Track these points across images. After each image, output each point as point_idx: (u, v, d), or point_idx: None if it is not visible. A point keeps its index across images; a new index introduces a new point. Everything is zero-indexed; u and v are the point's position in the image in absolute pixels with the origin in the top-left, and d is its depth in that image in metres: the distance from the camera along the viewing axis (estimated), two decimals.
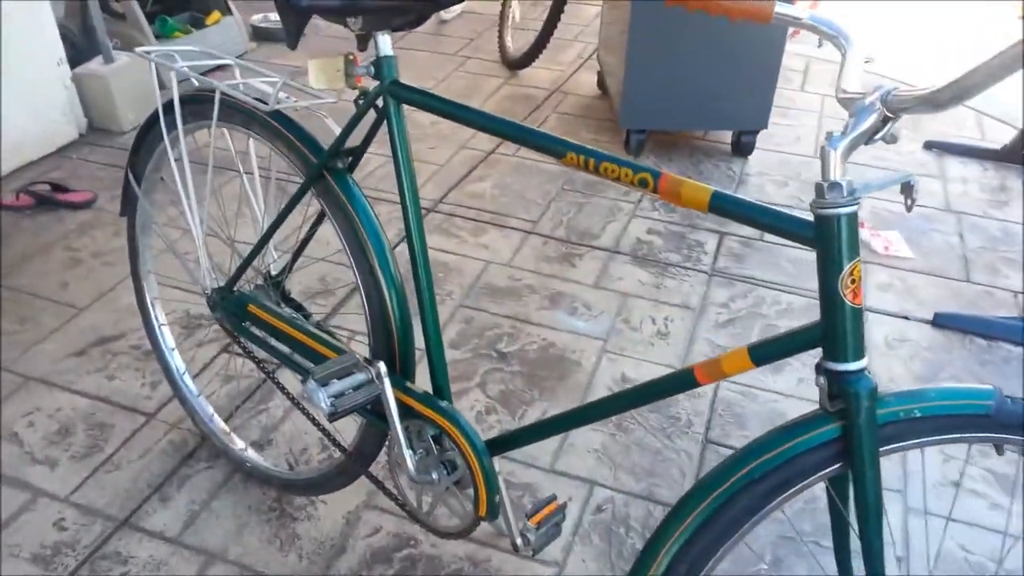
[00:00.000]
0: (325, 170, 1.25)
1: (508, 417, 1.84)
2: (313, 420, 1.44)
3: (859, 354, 0.83)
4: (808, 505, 1.64)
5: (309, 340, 1.32)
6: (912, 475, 1.71)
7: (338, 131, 1.26)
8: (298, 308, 1.49)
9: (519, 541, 1.24)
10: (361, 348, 1.32)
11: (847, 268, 0.81)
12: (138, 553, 1.52)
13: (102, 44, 2.92)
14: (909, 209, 0.82)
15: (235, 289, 1.44)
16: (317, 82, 1.18)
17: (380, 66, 1.17)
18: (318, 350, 1.30)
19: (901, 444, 0.85)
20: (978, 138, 3.14)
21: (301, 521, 1.59)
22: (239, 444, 1.67)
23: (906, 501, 1.65)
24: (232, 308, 1.44)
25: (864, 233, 2.49)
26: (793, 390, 1.93)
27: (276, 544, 1.54)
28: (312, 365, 1.34)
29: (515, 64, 3.66)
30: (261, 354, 1.46)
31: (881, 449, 0.85)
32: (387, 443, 1.31)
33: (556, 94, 3.42)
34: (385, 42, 1.16)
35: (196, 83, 1.39)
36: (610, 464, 1.72)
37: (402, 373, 1.27)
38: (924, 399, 0.85)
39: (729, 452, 1.74)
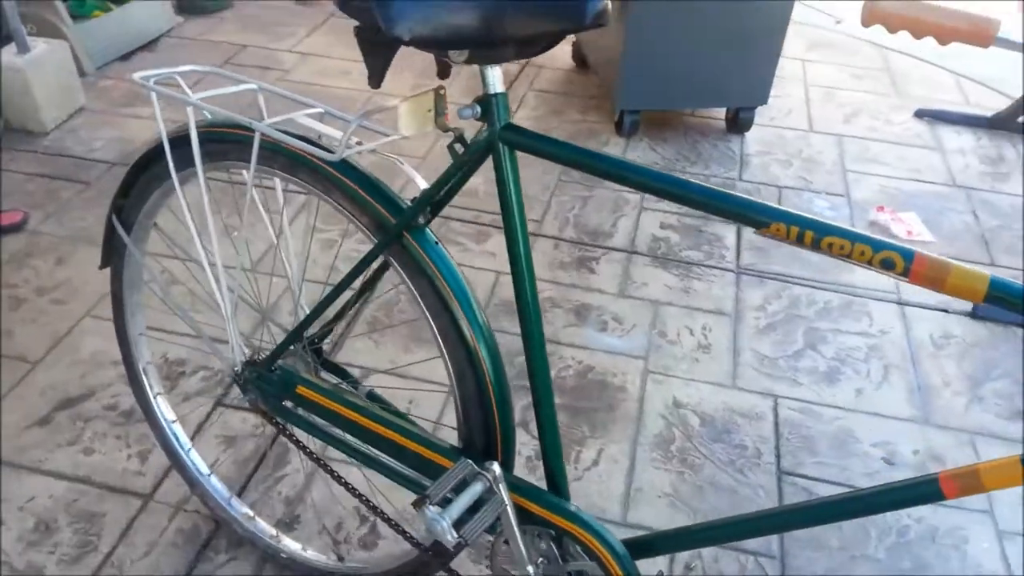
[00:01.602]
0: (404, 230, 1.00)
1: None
2: (383, 515, 1.20)
3: None
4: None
5: (390, 433, 1.08)
6: None
7: (419, 180, 1.01)
8: (342, 375, 1.25)
9: None
10: (436, 430, 1.10)
11: None
12: None
13: (14, 31, 2.48)
14: None
15: (275, 366, 1.18)
16: (407, 127, 0.92)
17: (490, 105, 0.92)
18: (402, 444, 1.07)
19: None
20: (962, 102, 3.08)
21: None
22: (269, 531, 1.42)
23: None
24: (274, 389, 1.18)
25: (884, 217, 2.38)
26: (854, 403, 1.80)
27: None
28: (386, 458, 1.11)
29: None
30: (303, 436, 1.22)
31: None
32: (493, 547, 1.09)
33: (529, 68, 3.17)
34: (496, 76, 0.91)
35: (208, 115, 1.11)
36: (686, 510, 1.56)
37: (504, 464, 1.06)
38: None
39: (806, 483, 1.61)
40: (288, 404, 1.20)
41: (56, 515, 1.50)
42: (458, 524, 0.94)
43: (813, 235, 0.78)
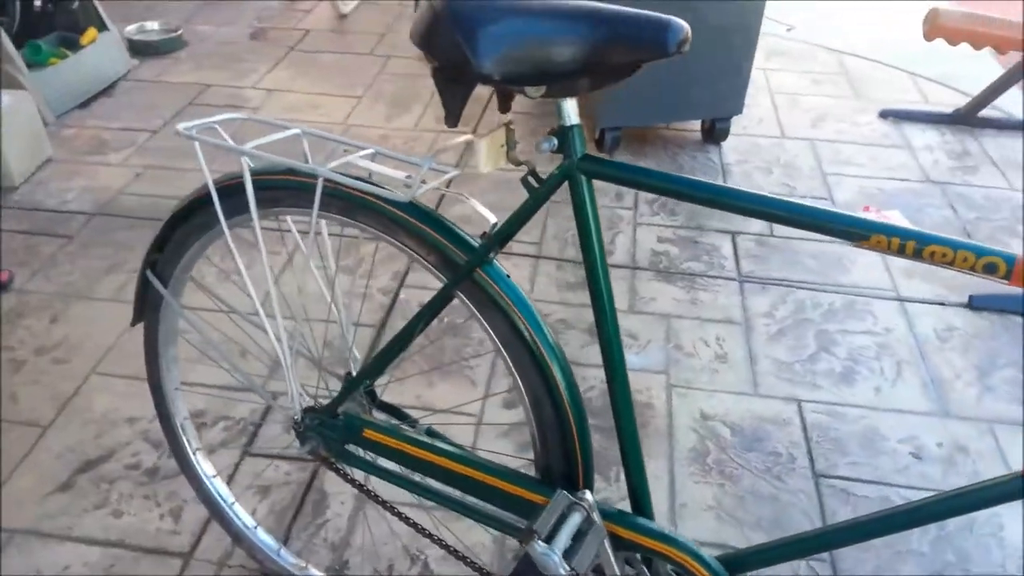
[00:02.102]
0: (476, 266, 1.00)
1: (603, 483, 1.65)
2: (455, 552, 1.19)
3: None
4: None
5: (467, 469, 1.06)
6: None
7: (488, 214, 1.01)
8: (397, 414, 1.23)
9: None
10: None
11: None
12: None
13: None
14: None
15: (340, 412, 1.15)
16: (486, 164, 0.92)
17: (567, 137, 0.92)
18: (481, 479, 1.05)
19: None
20: (921, 101, 3.20)
21: None
22: None
23: None
24: (338, 434, 1.15)
25: (871, 216, 2.44)
26: (874, 401, 1.84)
27: None
28: (458, 495, 1.10)
29: None
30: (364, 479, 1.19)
31: None
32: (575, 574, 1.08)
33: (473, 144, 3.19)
34: (572, 108, 0.92)
35: (248, 161, 1.08)
36: (732, 521, 1.57)
37: (587, 490, 1.05)
38: None
39: (843, 484, 1.64)
40: (351, 448, 1.18)
41: None
42: (565, 556, 0.94)
43: (915, 245, 0.80)
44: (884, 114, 3.05)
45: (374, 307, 2.07)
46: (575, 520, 0.97)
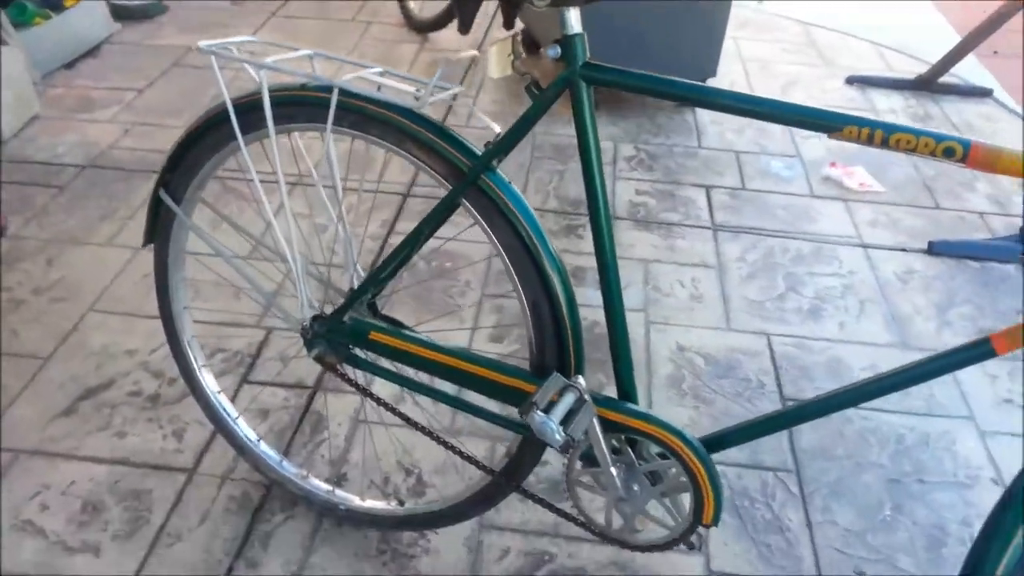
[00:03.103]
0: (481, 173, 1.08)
1: None
2: (453, 448, 1.27)
3: None
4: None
5: (468, 365, 1.15)
6: None
7: (492, 125, 1.09)
8: (396, 325, 1.31)
9: (694, 539, 1.18)
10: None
11: None
12: None
13: None
14: None
15: (347, 317, 1.23)
16: (495, 71, 1.00)
17: (570, 45, 1.01)
18: (489, 376, 1.14)
19: None
20: (885, 69, 3.33)
21: (420, 558, 1.43)
22: (323, 486, 1.46)
23: None
24: (345, 339, 1.23)
25: (836, 172, 2.57)
26: (839, 335, 1.96)
27: None
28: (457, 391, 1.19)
29: (424, 28, 3.44)
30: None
31: None
32: (569, 463, 1.18)
33: (483, 57, 3.26)
34: (574, 18, 1.00)
35: (257, 77, 1.15)
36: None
37: None
38: None
39: None
40: (358, 353, 1.26)
41: (101, 496, 1.50)
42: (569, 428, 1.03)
43: (883, 134, 0.90)
44: (850, 80, 3.17)
45: (377, 231, 2.15)
46: (569, 399, 1.06)
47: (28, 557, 1.39)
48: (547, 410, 1.04)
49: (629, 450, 1.14)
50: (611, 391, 1.15)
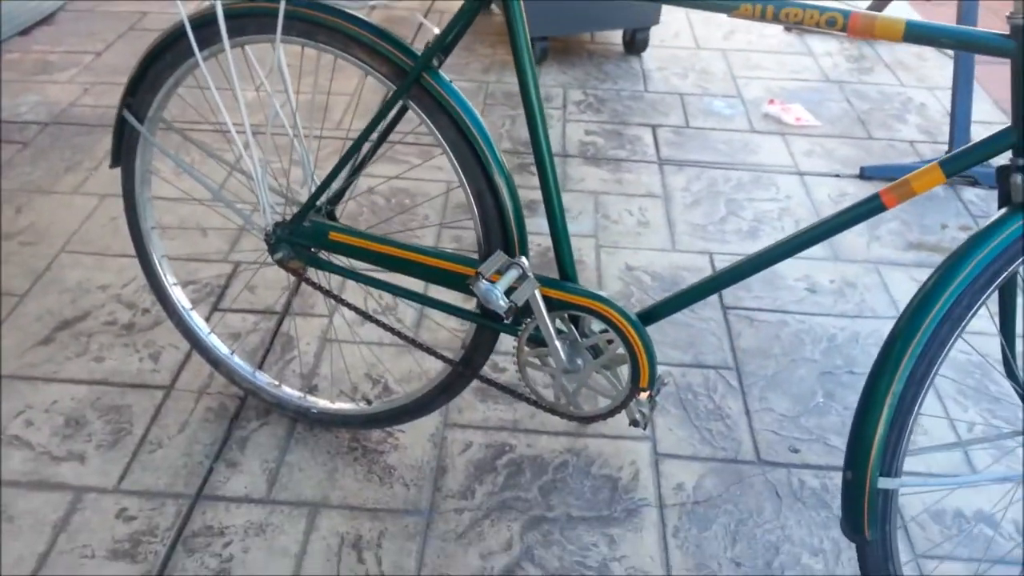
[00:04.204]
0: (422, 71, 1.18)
1: None
2: (413, 340, 1.38)
3: None
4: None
5: (423, 257, 1.25)
6: None
7: (432, 27, 1.19)
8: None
9: (638, 417, 1.29)
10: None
11: None
12: (231, 522, 1.39)
13: None
14: None
15: (307, 221, 1.33)
16: None
17: None
18: (437, 264, 1.24)
19: None
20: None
21: (388, 453, 1.53)
22: (296, 393, 1.56)
23: None
24: (307, 241, 1.33)
25: (775, 109, 2.70)
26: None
27: (375, 480, 1.48)
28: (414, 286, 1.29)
29: None
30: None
31: None
32: (518, 343, 1.28)
33: (431, 14, 3.34)
34: None
35: None
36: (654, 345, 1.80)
37: None
38: None
39: (747, 313, 1.89)
40: (318, 254, 1.35)
41: (83, 412, 1.58)
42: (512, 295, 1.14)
43: (773, 9, 1.01)
44: (788, 27, 3.30)
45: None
46: (512, 274, 1.17)
47: (16, 466, 1.47)
48: (492, 283, 1.15)
49: (572, 328, 1.25)
50: None
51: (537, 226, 2.14)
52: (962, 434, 1.61)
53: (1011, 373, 1.13)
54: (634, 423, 1.30)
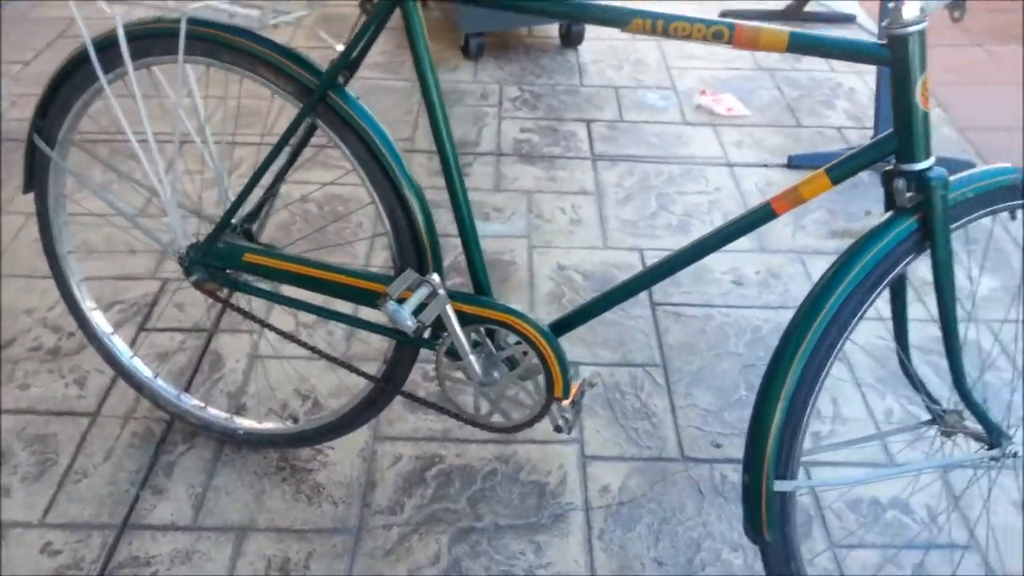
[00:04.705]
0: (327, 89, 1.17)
1: None
2: (333, 358, 1.38)
3: (930, 152, 0.97)
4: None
5: (334, 275, 1.26)
6: None
7: (336, 45, 1.19)
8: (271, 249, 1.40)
9: (561, 423, 1.31)
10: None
11: (922, 78, 0.94)
12: (158, 551, 1.39)
13: None
14: (957, 20, 0.95)
15: (219, 242, 1.32)
16: None
17: None
18: (348, 282, 1.25)
19: (961, 222, 1.02)
20: (756, 2, 3.49)
21: (317, 471, 1.54)
22: (222, 415, 1.56)
23: None
24: (221, 262, 1.32)
25: (707, 99, 2.73)
26: None
27: (303, 499, 1.48)
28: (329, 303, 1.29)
29: None
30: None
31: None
32: (436, 358, 1.29)
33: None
34: None
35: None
36: (583, 344, 1.82)
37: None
38: (972, 181, 1.02)
39: (675, 309, 1.92)
40: (234, 275, 1.35)
41: (9, 443, 1.56)
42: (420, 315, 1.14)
43: (663, 23, 1.02)
44: (724, 13, 3.33)
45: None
46: (422, 292, 1.18)
47: None
48: (402, 302, 1.15)
49: (488, 341, 1.26)
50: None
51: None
52: (880, 421, 1.65)
53: (906, 370, 1.17)
54: (558, 429, 1.31)
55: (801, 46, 0.98)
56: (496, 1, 1.11)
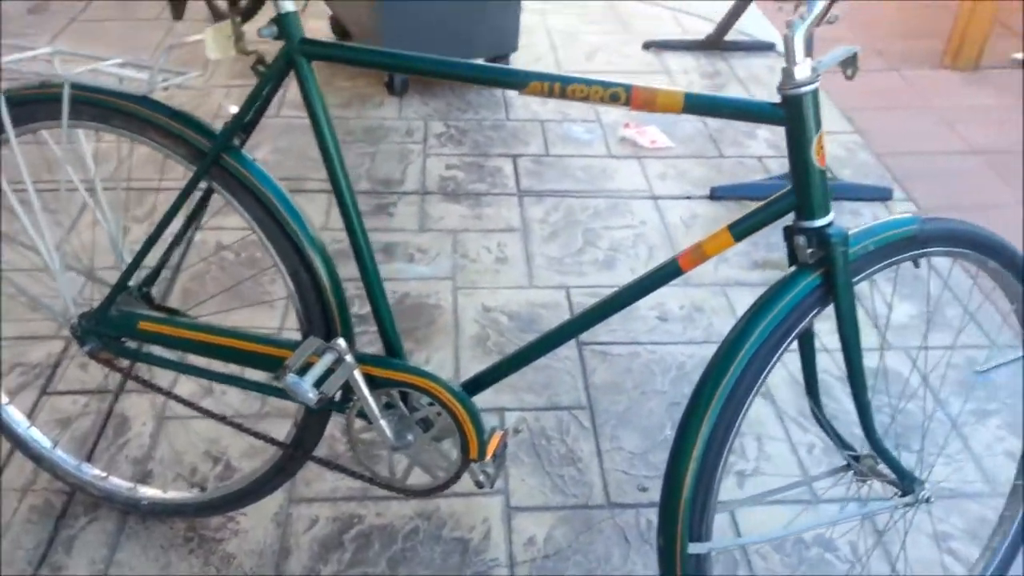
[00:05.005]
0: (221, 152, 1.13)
1: None
2: (239, 426, 1.32)
3: (829, 209, 0.97)
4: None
5: (236, 342, 1.20)
6: None
7: (230, 106, 1.14)
8: (173, 313, 1.34)
9: (482, 478, 1.28)
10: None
11: (816, 137, 0.94)
12: None
13: None
14: (850, 78, 0.96)
15: (113, 310, 1.25)
16: (213, 51, 1.05)
17: (284, 24, 1.06)
18: (252, 349, 1.19)
19: (864, 275, 1.02)
20: (680, 32, 3.55)
21: (228, 540, 1.46)
22: (125, 484, 1.47)
23: None
24: (115, 331, 1.25)
25: (631, 132, 2.74)
26: (627, 280, 2.10)
27: (212, 572, 1.41)
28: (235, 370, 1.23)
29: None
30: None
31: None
32: (347, 421, 1.25)
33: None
34: None
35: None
36: (510, 389, 1.79)
37: (347, 343, 1.21)
38: (873, 234, 1.02)
39: (602, 348, 1.91)
40: (131, 344, 1.28)
41: None
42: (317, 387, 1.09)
43: (560, 86, 1.00)
44: (647, 45, 3.37)
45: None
46: (327, 359, 1.13)
47: None
48: (305, 371, 1.10)
49: (401, 403, 1.22)
50: (420, 357, 1.23)
51: (395, 271, 2.10)
52: (803, 456, 1.65)
53: (818, 419, 1.16)
54: (479, 485, 1.27)
55: (696, 107, 0.98)
56: (393, 67, 1.07)
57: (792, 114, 0.93)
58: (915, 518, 1.41)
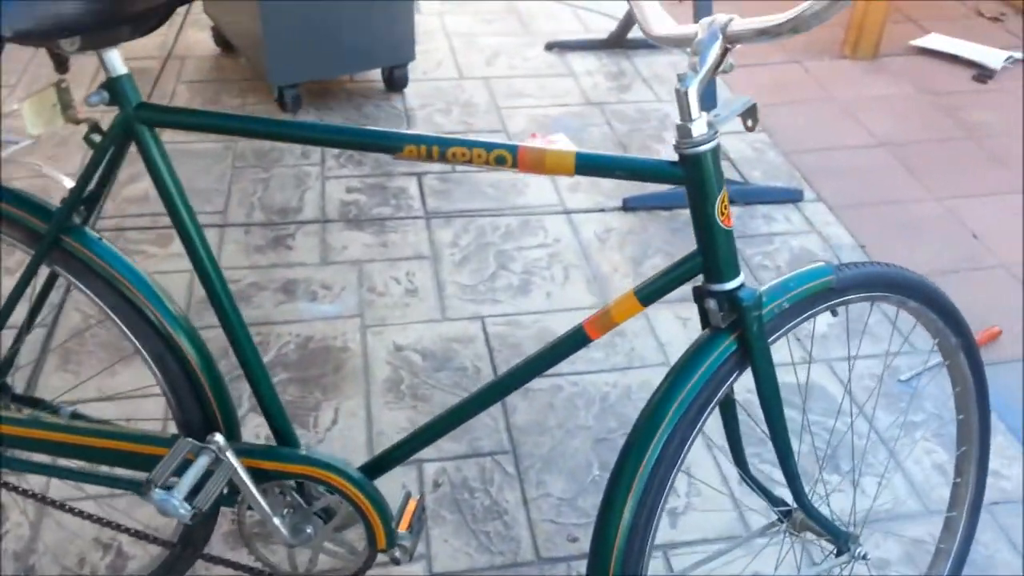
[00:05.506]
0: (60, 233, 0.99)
1: (303, 430, 1.69)
2: (118, 526, 1.18)
3: (738, 270, 0.90)
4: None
5: (100, 441, 1.06)
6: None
7: (65, 181, 1.00)
8: (35, 404, 1.19)
9: (398, 554, 1.18)
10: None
11: (719, 196, 0.87)
12: None
13: None
14: (751, 129, 0.89)
15: None
16: (34, 126, 0.91)
17: (117, 89, 0.93)
18: (123, 448, 1.06)
19: (781, 332, 0.95)
20: (582, 31, 3.48)
21: None
22: None
23: None
24: None
25: (537, 143, 2.65)
26: (547, 305, 2.04)
27: None
28: (102, 467, 1.10)
29: None
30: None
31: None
32: (239, 517, 1.13)
33: (172, 61, 3.03)
34: (115, 59, 0.92)
35: None
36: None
37: (228, 434, 1.10)
38: (787, 290, 0.95)
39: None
40: None
41: None
42: (191, 498, 0.97)
43: (439, 149, 0.90)
44: (549, 46, 3.28)
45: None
46: (202, 462, 1.01)
47: None
48: (181, 473, 0.98)
49: (295, 494, 1.11)
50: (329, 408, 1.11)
51: (298, 312, 1.97)
52: (735, 490, 1.61)
53: (747, 481, 1.10)
54: (396, 562, 1.18)
55: (588, 167, 0.90)
56: (245, 133, 0.96)
57: (691, 174, 0.86)
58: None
